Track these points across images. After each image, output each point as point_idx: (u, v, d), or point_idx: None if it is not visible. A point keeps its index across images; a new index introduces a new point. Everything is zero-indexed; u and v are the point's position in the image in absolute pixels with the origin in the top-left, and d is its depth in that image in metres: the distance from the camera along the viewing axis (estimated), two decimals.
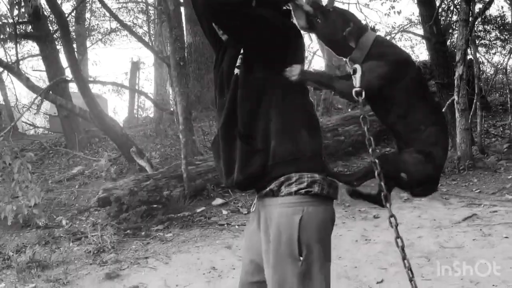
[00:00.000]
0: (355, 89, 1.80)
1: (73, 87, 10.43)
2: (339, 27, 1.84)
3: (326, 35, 1.90)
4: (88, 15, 14.74)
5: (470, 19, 7.62)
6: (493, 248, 4.32)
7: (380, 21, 27.30)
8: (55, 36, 10.50)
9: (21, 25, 10.43)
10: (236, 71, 1.80)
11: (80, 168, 8.25)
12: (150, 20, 15.28)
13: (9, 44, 12.59)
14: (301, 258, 1.69)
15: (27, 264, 4.40)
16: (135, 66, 16.18)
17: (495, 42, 13.53)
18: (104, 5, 9.07)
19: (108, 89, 19.15)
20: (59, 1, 11.20)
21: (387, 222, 1.83)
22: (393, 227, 1.82)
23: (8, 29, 8.77)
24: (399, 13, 14.02)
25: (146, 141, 9.86)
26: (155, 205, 5.78)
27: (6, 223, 5.43)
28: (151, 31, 15.60)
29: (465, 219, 5.18)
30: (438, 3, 9.85)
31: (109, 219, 5.67)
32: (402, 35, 12.58)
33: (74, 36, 13.10)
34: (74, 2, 13.30)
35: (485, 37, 13.32)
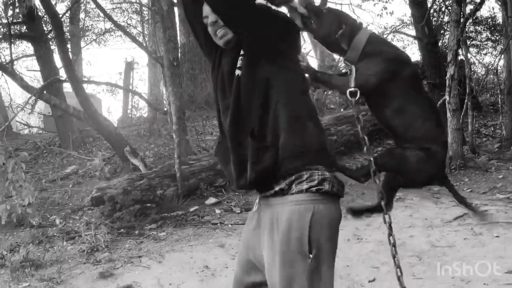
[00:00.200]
0: (350, 89, 1.84)
1: (67, 87, 10.41)
2: (333, 28, 1.86)
3: (321, 36, 1.93)
4: (82, 16, 14.74)
5: (462, 20, 7.66)
6: (484, 247, 4.35)
7: (373, 22, 27.33)
8: (49, 36, 10.47)
9: (15, 25, 10.46)
10: (238, 72, 1.81)
11: (74, 168, 8.24)
12: (144, 21, 15.23)
13: (3, 44, 12.64)
14: (311, 256, 1.70)
15: (20, 263, 4.38)
16: (129, 66, 16.13)
17: (486, 43, 13.66)
18: (98, 5, 9.04)
19: (102, 89, 19.06)
20: (53, 2, 11.19)
21: (378, 222, 1.86)
22: (387, 224, 1.86)
23: (2, 29, 8.78)
24: (392, 14, 14.11)
25: (140, 141, 9.85)
26: (149, 204, 5.77)
27: (0, 222, 5.43)
28: (145, 32, 15.55)
29: (456, 218, 5.18)
30: (429, 4, 9.95)
31: (103, 218, 5.66)
32: (394, 36, 12.65)
33: (68, 36, 13.08)
34: (69, 3, 13.26)
35: (476, 38, 13.46)
